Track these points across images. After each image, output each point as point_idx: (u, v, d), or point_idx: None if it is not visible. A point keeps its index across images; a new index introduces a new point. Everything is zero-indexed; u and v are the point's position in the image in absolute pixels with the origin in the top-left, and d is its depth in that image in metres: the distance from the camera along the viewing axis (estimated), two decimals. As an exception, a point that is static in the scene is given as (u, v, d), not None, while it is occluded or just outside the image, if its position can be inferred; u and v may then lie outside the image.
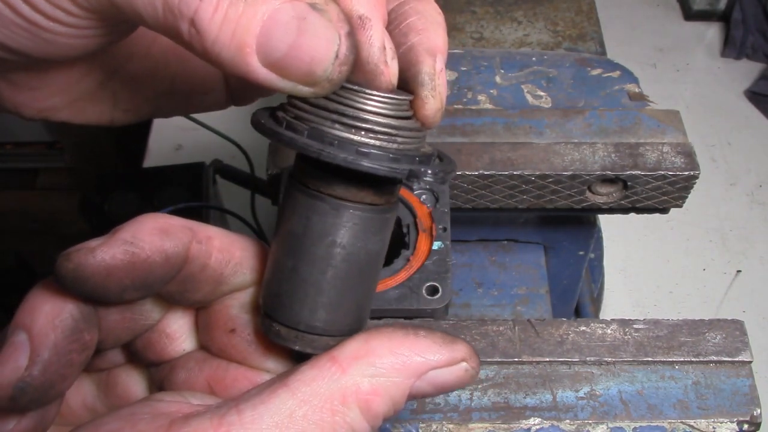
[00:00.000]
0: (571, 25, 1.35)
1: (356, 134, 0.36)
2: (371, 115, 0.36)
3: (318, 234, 0.37)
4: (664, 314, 0.83)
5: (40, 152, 2.79)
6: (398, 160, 0.35)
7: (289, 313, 0.39)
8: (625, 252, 2.31)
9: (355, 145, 0.35)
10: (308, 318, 0.39)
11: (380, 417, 0.35)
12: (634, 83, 0.95)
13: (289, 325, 0.39)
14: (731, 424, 0.67)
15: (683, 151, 0.83)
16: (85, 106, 0.45)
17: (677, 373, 0.70)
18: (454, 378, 0.36)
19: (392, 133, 0.37)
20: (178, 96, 0.48)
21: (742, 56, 2.97)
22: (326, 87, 0.34)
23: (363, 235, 0.38)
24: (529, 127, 0.87)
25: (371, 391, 0.34)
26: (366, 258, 0.39)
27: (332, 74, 0.33)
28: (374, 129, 0.36)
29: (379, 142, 0.36)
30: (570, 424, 0.67)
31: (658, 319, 0.73)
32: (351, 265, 0.38)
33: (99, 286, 0.36)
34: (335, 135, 0.35)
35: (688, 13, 3.12)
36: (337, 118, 0.36)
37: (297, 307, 0.39)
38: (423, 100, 0.39)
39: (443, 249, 0.75)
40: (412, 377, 0.35)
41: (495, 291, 1.02)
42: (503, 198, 0.85)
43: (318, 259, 0.38)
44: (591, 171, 0.82)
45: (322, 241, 0.37)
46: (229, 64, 0.33)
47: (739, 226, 2.47)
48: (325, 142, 0.35)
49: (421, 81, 0.39)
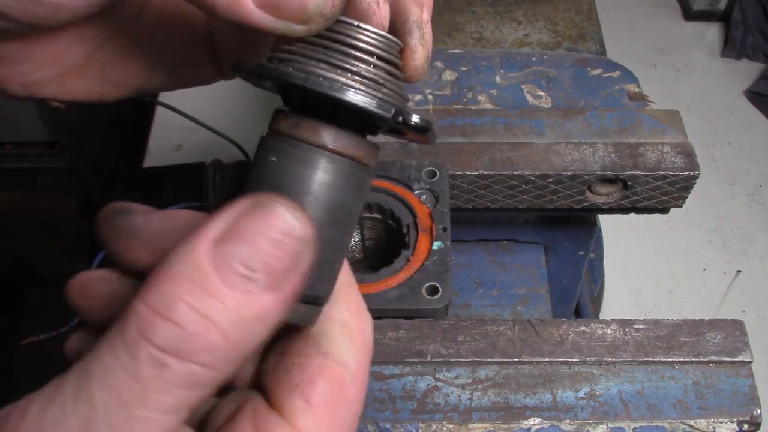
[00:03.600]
0: (571, 25, 1.35)
1: (342, 75, 0.35)
2: (361, 52, 0.36)
3: (292, 184, 0.35)
4: (664, 314, 0.83)
5: (40, 152, 2.79)
6: (384, 101, 0.35)
7: None
8: (625, 252, 2.31)
9: (340, 83, 0.34)
10: None
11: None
12: (634, 83, 0.95)
13: None
14: (731, 424, 0.67)
15: (683, 151, 0.83)
16: (73, 80, 0.45)
17: (677, 373, 0.70)
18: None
19: (379, 81, 0.36)
20: (166, 69, 0.47)
21: (742, 56, 2.98)
22: (320, 22, 0.34)
23: (338, 190, 0.36)
24: (529, 127, 0.87)
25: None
26: (339, 218, 0.36)
27: (325, 8, 0.33)
28: (361, 73, 0.35)
29: (364, 87, 0.35)
30: (570, 424, 0.67)
31: (658, 319, 0.73)
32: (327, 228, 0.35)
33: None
34: (321, 73, 0.34)
35: (688, 13, 3.12)
36: (325, 58, 0.35)
37: None
38: (412, 48, 0.39)
39: (443, 249, 0.75)
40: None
41: (495, 291, 1.02)
42: (503, 198, 0.85)
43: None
44: (591, 171, 0.82)
45: (296, 191, 0.35)
46: (223, 8, 0.33)
47: (739, 226, 2.47)
48: (311, 75, 0.34)
49: (410, 29, 0.39)
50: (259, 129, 0.58)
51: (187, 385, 0.28)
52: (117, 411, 0.27)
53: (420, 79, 0.40)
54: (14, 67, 0.42)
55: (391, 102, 0.36)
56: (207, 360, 0.28)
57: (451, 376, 0.70)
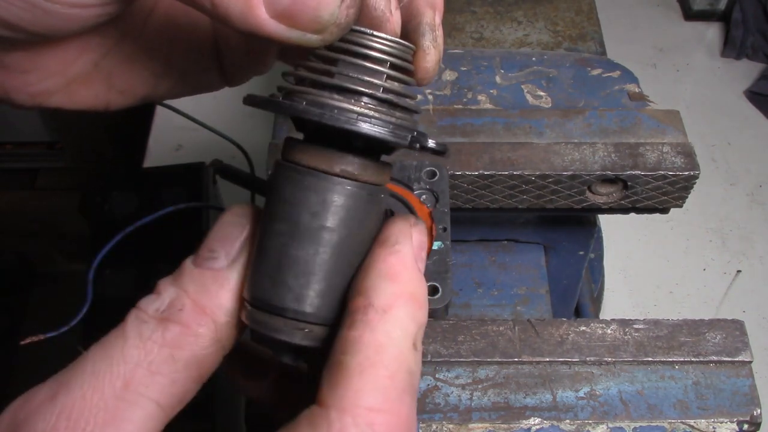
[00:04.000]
0: (571, 25, 1.35)
1: (356, 104, 0.35)
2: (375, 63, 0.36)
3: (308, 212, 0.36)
4: (664, 314, 0.83)
5: (40, 152, 2.79)
6: (399, 127, 0.35)
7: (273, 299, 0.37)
8: (625, 252, 2.31)
9: (355, 113, 0.35)
10: (295, 303, 0.36)
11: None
12: (634, 83, 0.95)
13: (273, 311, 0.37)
14: (731, 424, 0.67)
15: (683, 151, 0.83)
16: (79, 89, 0.44)
17: (677, 373, 0.70)
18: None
19: (393, 101, 0.36)
20: (173, 76, 0.47)
21: (742, 56, 2.98)
22: (334, 32, 0.33)
23: (354, 214, 0.37)
24: (529, 127, 0.87)
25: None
26: (354, 241, 0.37)
27: (340, 17, 0.33)
28: (376, 96, 0.36)
29: (378, 114, 0.35)
30: (570, 424, 0.67)
31: (658, 319, 0.73)
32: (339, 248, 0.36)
33: None
34: (335, 105, 0.35)
35: (688, 13, 3.12)
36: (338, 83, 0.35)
37: (283, 293, 0.36)
38: (424, 50, 0.39)
39: (443, 249, 0.75)
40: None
41: (495, 291, 1.02)
42: (503, 198, 0.85)
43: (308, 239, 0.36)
44: (591, 171, 0.82)
45: (311, 220, 0.36)
46: (237, 18, 0.32)
47: (739, 226, 2.47)
48: (326, 108, 0.34)
49: (423, 31, 0.39)
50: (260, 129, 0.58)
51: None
52: None
53: (430, 81, 0.40)
54: (21, 77, 0.42)
55: (405, 126, 0.36)
56: None
57: (451, 376, 0.70)
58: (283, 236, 0.36)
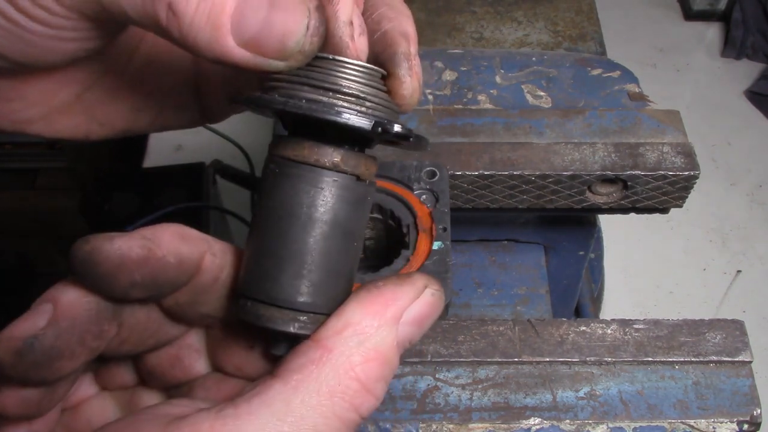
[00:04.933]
0: (571, 25, 1.35)
1: (324, 95, 0.36)
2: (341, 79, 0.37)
3: (296, 203, 0.37)
4: (664, 314, 0.83)
5: (40, 152, 2.79)
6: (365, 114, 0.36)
7: (268, 289, 0.37)
8: (625, 252, 2.31)
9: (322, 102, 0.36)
10: (289, 293, 0.37)
11: (381, 382, 0.35)
12: (634, 83, 0.95)
13: (267, 301, 0.37)
14: (731, 424, 0.67)
15: (683, 151, 0.83)
16: (61, 118, 0.45)
17: (677, 373, 0.70)
18: (427, 306, 0.37)
19: (361, 96, 0.37)
20: (153, 111, 0.48)
21: (742, 56, 2.98)
22: (299, 59, 0.35)
23: (339, 205, 0.38)
24: (529, 127, 0.87)
25: (363, 359, 0.34)
26: (341, 232, 0.38)
27: (304, 46, 0.34)
28: (342, 91, 0.37)
29: (347, 103, 0.37)
30: (570, 424, 0.67)
31: (658, 319, 0.73)
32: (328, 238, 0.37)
33: (109, 274, 0.35)
34: (304, 96, 0.36)
35: (688, 13, 3.12)
36: (308, 81, 0.37)
37: (277, 283, 0.37)
38: (400, 79, 0.40)
39: (443, 249, 0.75)
40: (393, 327, 0.35)
41: (495, 291, 1.02)
42: (503, 198, 0.85)
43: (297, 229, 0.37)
44: (591, 171, 0.82)
45: (299, 210, 0.37)
46: (205, 47, 0.33)
47: (739, 226, 2.47)
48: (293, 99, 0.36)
49: (398, 61, 0.40)
50: (260, 129, 0.59)
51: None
52: None
53: (411, 107, 0.41)
54: (4, 105, 0.43)
55: (372, 115, 0.37)
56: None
57: (451, 376, 0.70)
58: (274, 228, 0.37)
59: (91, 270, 0.35)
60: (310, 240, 0.37)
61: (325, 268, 0.37)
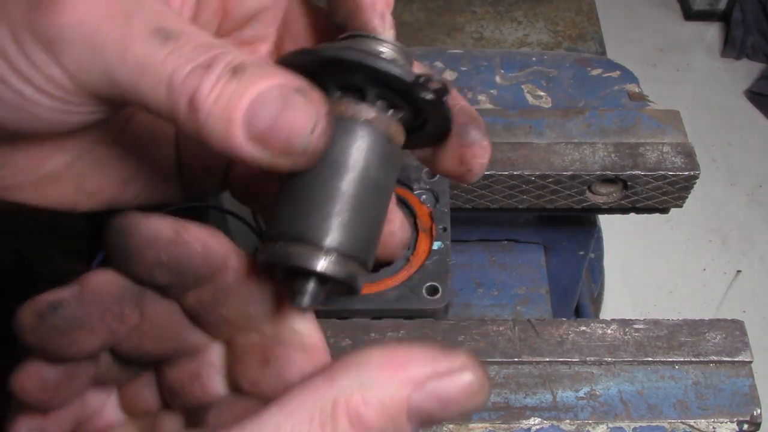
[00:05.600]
0: (571, 25, 1.36)
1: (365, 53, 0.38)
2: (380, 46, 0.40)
3: (330, 152, 0.38)
4: (664, 314, 0.83)
5: (40, 152, 2.79)
6: (404, 68, 0.38)
7: (297, 228, 0.37)
8: (625, 252, 2.31)
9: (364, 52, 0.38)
10: (319, 231, 0.37)
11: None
12: (634, 83, 0.95)
13: (296, 238, 0.37)
14: (731, 424, 0.67)
15: (683, 151, 0.83)
16: (49, 187, 0.45)
17: (677, 373, 0.70)
18: (457, 389, 0.34)
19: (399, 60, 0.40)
20: (138, 183, 0.49)
21: (742, 56, 2.98)
22: (302, 160, 0.36)
23: (371, 158, 0.39)
24: (529, 127, 0.87)
25: (362, 401, 0.33)
26: (372, 184, 0.39)
27: (308, 146, 0.35)
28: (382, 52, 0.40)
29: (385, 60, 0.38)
30: (570, 424, 0.67)
31: (658, 319, 0.73)
32: (360, 186, 0.38)
33: (138, 248, 0.37)
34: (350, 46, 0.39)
35: (688, 13, 3.12)
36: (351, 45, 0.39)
37: (307, 222, 0.37)
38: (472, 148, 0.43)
39: (443, 249, 0.75)
40: (406, 387, 0.33)
41: (495, 291, 1.02)
42: (503, 198, 0.85)
43: (330, 174, 0.38)
44: (591, 171, 0.82)
45: (332, 158, 0.38)
46: (217, 138, 0.35)
47: (739, 226, 2.47)
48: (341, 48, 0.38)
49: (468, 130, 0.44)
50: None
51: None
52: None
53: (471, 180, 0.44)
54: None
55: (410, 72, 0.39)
56: None
57: (451, 376, 0.70)
58: (306, 174, 0.38)
59: (123, 241, 0.36)
60: (342, 184, 0.38)
61: (355, 212, 0.38)
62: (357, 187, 0.38)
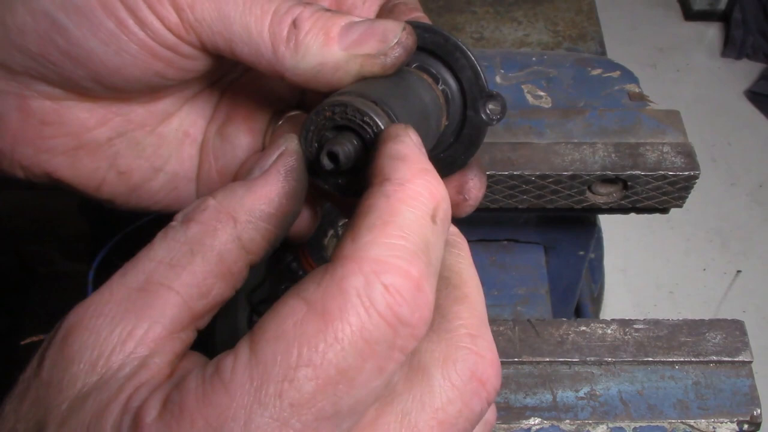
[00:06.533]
0: (571, 25, 1.35)
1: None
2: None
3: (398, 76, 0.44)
4: (664, 314, 0.83)
5: (40, 152, 2.78)
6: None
7: (355, 89, 0.41)
8: (625, 252, 2.31)
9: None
10: (374, 94, 0.40)
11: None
12: (634, 83, 0.95)
13: (353, 92, 0.40)
14: (731, 424, 0.67)
15: (683, 151, 0.83)
16: (84, 156, 0.46)
17: (677, 373, 0.70)
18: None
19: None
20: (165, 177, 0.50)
21: (742, 56, 2.98)
22: (397, 52, 0.41)
23: (429, 97, 0.44)
24: (529, 127, 0.87)
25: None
26: (424, 108, 0.44)
27: (401, 38, 0.41)
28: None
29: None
30: (570, 424, 0.67)
31: (658, 319, 0.73)
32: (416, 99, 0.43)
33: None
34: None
35: (688, 13, 3.12)
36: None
37: (366, 90, 0.41)
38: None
39: (443, 249, 0.75)
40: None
41: (495, 291, 1.02)
42: (503, 198, 0.85)
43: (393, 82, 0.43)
44: (591, 171, 0.82)
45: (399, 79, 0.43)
46: (313, 53, 0.40)
47: (739, 226, 2.47)
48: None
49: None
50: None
51: None
52: None
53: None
54: (37, 127, 0.44)
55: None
56: None
57: (451, 376, 0.70)
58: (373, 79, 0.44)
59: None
60: (399, 90, 0.42)
61: (408, 106, 0.42)
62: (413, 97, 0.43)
